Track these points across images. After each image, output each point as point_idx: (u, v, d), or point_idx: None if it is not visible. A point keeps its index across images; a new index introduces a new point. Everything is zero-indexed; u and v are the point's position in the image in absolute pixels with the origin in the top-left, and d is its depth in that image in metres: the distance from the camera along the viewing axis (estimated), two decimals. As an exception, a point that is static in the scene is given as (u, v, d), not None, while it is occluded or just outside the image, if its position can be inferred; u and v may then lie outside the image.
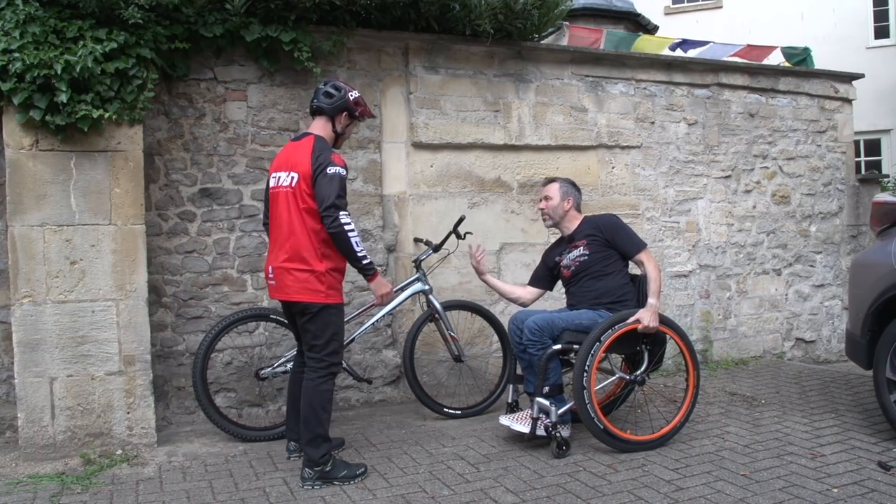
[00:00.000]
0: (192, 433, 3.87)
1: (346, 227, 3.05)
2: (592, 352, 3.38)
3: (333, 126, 3.29)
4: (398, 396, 4.55)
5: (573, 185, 3.91)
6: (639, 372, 3.62)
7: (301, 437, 3.20)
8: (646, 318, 3.46)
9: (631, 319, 3.47)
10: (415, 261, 4.27)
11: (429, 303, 4.18)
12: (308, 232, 3.10)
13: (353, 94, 3.32)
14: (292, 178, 3.13)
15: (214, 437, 3.76)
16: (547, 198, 3.86)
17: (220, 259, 4.14)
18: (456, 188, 4.73)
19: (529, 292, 4.00)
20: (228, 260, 4.15)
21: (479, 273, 3.98)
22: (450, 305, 4.28)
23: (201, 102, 4.09)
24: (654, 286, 3.54)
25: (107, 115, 3.41)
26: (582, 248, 3.72)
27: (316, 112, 3.30)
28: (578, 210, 3.89)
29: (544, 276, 3.97)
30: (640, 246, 3.70)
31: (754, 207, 5.78)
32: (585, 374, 3.36)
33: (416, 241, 4.53)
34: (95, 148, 3.49)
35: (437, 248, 4.28)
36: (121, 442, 3.54)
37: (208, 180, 4.11)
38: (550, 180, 3.94)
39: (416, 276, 4.21)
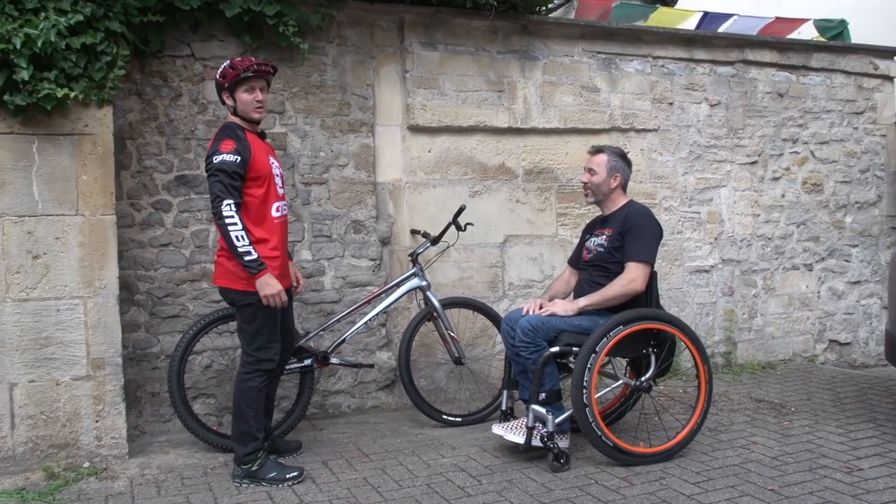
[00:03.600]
0: (167, 443, 3.76)
1: (228, 221, 3.04)
2: (593, 355, 3.22)
3: (227, 107, 3.28)
4: (393, 402, 4.44)
5: (624, 157, 3.58)
6: (644, 377, 3.42)
7: (231, 432, 3.30)
8: (556, 307, 3.37)
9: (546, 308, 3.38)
10: (411, 254, 4.16)
11: (426, 300, 4.07)
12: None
13: (223, 66, 3.23)
14: None
15: (192, 448, 3.65)
16: (591, 171, 3.54)
17: (198, 253, 4.00)
18: (456, 175, 4.59)
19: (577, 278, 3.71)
20: (208, 254, 3.99)
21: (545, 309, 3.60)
22: (449, 303, 4.18)
23: (177, 81, 3.94)
24: (600, 294, 3.35)
25: (72, 94, 3.24)
26: (605, 236, 3.51)
27: None
28: (625, 190, 3.59)
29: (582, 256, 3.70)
30: (638, 256, 3.35)
31: (783, 196, 5.59)
32: (586, 380, 3.19)
33: (413, 232, 4.43)
34: (60, 131, 3.35)
35: (435, 241, 4.18)
36: (88, 454, 3.41)
37: (185, 167, 3.98)
38: (598, 150, 3.60)
39: (413, 270, 4.10)
